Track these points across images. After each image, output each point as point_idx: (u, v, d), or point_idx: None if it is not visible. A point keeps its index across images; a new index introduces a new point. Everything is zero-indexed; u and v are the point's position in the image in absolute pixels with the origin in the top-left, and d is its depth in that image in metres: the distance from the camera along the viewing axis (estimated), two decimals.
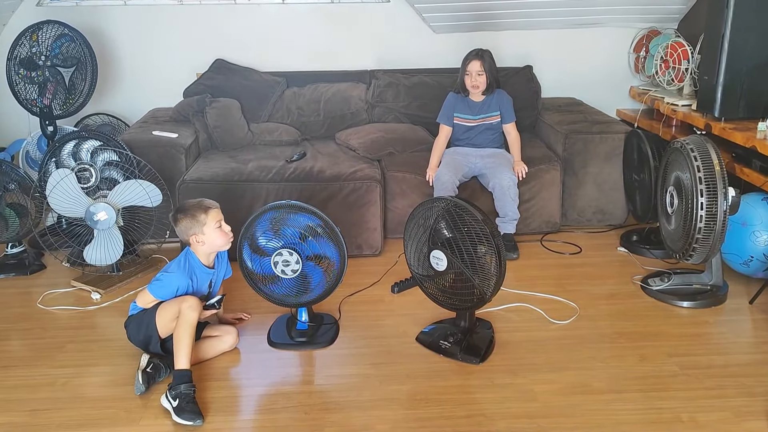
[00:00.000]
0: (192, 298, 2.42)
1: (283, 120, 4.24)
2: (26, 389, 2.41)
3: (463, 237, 2.47)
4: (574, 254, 3.54)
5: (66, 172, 3.10)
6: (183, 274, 2.52)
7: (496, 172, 3.51)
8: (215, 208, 2.57)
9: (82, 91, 3.85)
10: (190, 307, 2.38)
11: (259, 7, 4.46)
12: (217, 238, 2.55)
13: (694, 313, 2.91)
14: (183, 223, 2.52)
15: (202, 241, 2.53)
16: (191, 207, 2.54)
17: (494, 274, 2.46)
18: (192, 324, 2.37)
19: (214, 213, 2.54)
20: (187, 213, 2.52)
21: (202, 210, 2.52)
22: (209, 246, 2.56)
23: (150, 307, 2.50)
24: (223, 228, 2.57)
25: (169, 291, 2.50)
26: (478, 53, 3.64)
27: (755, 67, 3.20)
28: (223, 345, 2.62)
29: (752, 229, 2.99)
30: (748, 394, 2.31)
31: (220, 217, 2.56)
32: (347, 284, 3.00)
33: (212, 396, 2.36)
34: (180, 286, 2.50)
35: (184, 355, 2.32)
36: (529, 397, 2.32)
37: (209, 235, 2.53)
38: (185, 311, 2.37)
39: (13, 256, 3.41)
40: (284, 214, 2.56)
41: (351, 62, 4.49)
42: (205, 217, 2.51)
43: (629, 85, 4.57)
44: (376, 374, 2.48)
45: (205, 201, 2.58)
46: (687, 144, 2.80)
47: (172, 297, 2.49)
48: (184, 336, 2.34)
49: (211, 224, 2.52)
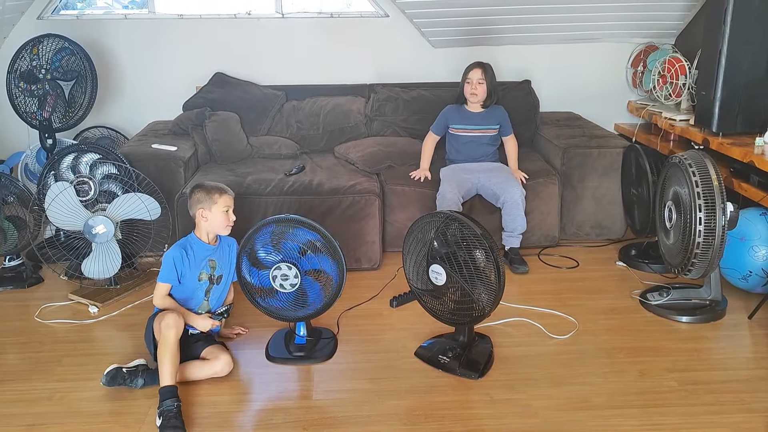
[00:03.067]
0: (170, 316, 2.42)
1: (283, 133, 4.25)
2: (23, 403, 2.39)
3: (462, 251, 2.47)
4: (571, 268, 3.54)
5: (65, 185, 3.10)
6: (176, 247, 2.63)
7: (506, 186, 3.52)
8: (229, 194, 2.69)
9: (82, 104, 3.86)
10: (167, 326, 2.40)
11: (259, 21, 4.48)
12: (220, 220, 2.65)
13: (693, 328, 2.91)
14: (197, 195, 2.65)
15: (206, 217, 2.64)
16: (210, 185, 2.69)
17: (493, 288, 2.45)
18: (170, 342, 2.37)
19: (226, 198, 2.66)
20: (206, 188, 2.67)
21: (218, 191, 2.66)
22: (211, 224, 2.66)
23: (154, 314, 2.55)
24: (228, 215, 2.67)
25: (168, 268, 2.59)
26: (480, 63, 3.69)
27: (753, 82, 3.22)
28: (212, 369, 2.53)
29: (750, 244, 2.99)
30: (748, 410, 2.31)
31: (230, 204, 2.68)
32: (346, 298, 2.99)
33: (209, 411, 2.35)
34: (175, 257, 2.59)
35: (166, 373, 2.34)
36: (528, 413, 2.31)
37: (215, 214, 2.64)
38: (163, 330, 2.40)
39: (11, 269, 3.40)
40: (285, 228, 2.57)
41: (350, 76, 4.51)
42: (218, 197, 2.64)
43: (627, 99, 4.59)
44: (374, 389, 2.47)
45: (225, 187, 2.72)
46: (685, 159, 2.80)
47: (175, 276, 2.58)
48: (165, 354, 2.36)
49: (221, 206, 2.64)
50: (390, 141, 4.12)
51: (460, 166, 3.73)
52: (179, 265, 2.59)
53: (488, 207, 3.63)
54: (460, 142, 3.77)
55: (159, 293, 2.60)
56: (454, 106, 3.79)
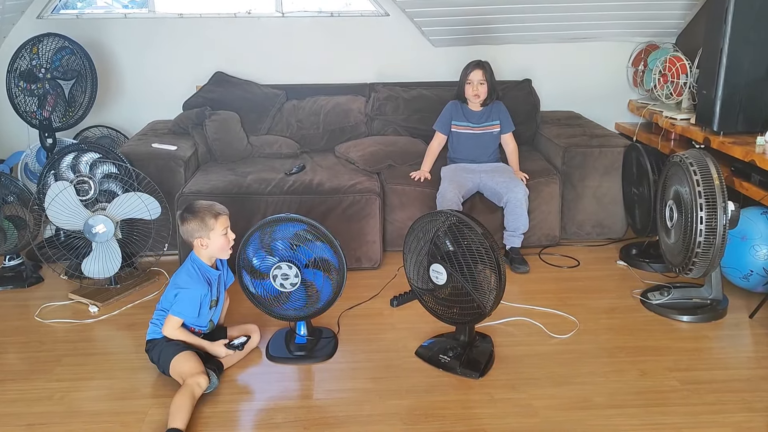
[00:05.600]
0: (204, 379, 2.33)
1: (283, 133, 4.25)
2: (23, 403, 2.39)
3: (463, 251, 2.46)
4: (572, 268, 3.54)
5: (65, 184, 3.09)
6: (199, 283, 2.50)
7: (510, 185, 3.52)
8: (224, 215, 2.55)
9: (82, 104, 3.85)
10: (198, 384, 2.31)
11: (259, 20, 4.48)
12: (220, 245, 2.54)
13: (694, 327, 2.90)
14: (191, 224, 2.50)
15: (207, 245, 2.52)
16: (201, 210, 2.50)
17: (494, 288, 2.45)
18: (196, 398, 2.29)
19: (222, 220, 2.52)
20: (197, 215, 2.49)
21: (212, 215, 2.50)
22: (212, 251, 2.55)
23: (167, 346, 2.47)
24: (228, 236, 2.55)
25: (193, 306, 2.49)
26: (479, 63, 3.69)
27: (754, 81, 3.22)
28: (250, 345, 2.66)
29: (752, 243, 2.98)
30: (749, 409, 2.30)
31: (227, 224, 2.55)
32: (346, 297, 2.99)
33: (210, 410, 2.34)
34: (202, 295, 2.49)
35: (180, 418, 2.19)
36: (529, 413, 2.31)
37: (214, 241, 2.51)
38: (194, 386, 2.30)
39: (11, 269, 3.39)
40: (269, 230, 2.55)
41: (350, 75, 4.50)
42: (214, 223, 2.50)
43: (628, 98, 4.59)
44: (375, 389, 2.47)
45: (216, 206, 2.55)
46: (686, 158, 2.80)
47: (196, 312, 2.50)
48: (185, 404, 2.24)
49: (219, 230, 2.51)
50: (390, 140, 4.12)
51: (462, 166, 3.73)
52: (203, 302, 2.51)
53: (489, 206, 3.62)
54: (461, 139, 3.77)
55: (173, 325, 2.48)
56: (456, 102, 3.79)
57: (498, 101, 3.78)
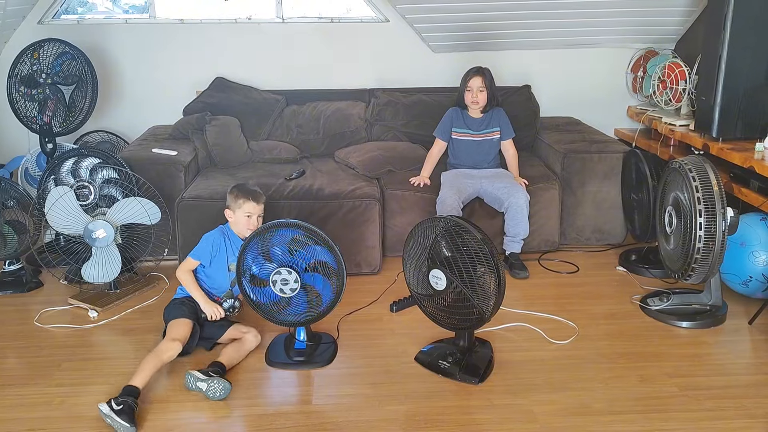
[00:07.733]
0: (176, 347, 2.53)
1: (283, 138, 4.25)
2: (23, 408, 2.39)
3: (463, 256, 2.46)
4: (571, 273, 3.54)
5: (65, 189, 3.10)
6: (217, 231, 2.84)
7: (511, 191, 3.52)
8: (254, 202, 2.82)
9: (83, 109, 3.86)
10: (168, 349, 2.52)
11: (260, 25, 4.49)
12: (241, 223, 2.82)
13: (694, 333, 2.90)
14: (230, 196, 2.86)
15: (231, 217, 2.85)
16: (243, 189, 2.86)
17: (494, 293, 2.45)
18: (163, 361, 2.49)
19: (249, 205, 2.81)
20: (235, 191, 2.85)
21: (245, 196, 2.82)
22: (234, 225, 2.85)
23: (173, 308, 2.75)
24: (250, 220, 2.80)
25: (205, 247, 2.80)
26: (479, 70, 3.69)
27: (752, 88, 3.22)
28: (245, 347, 2.72)
29: (751, 249, 2.99)
30: (749, 415, 2.30)
31: (254, 211, 2.82)
32: (346, 303, 2.99)
33: (210, 416, 2.34)
34: (214, 239, 2.81)
35: (142, 376, 2.39)
36: (528, 418, 2.31)
37: (237, 217, 2.83)
38: (165, 351, 2.51)
39: (11, 274, 3.39)
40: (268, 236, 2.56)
41: (350, 81, 4.51)
42: (243, 203, 2.81)
43: (627, 104, 4.60)
44: (374, 394, 2.47)
45: (255, 193, 2.86)
46: (685, 164, 2.80)
47: (209, 256, 2.79)
48: (150, 365, 2.44)
49: (243, 211, 2.81)
50: (390, 146, 4.12)
51: (462, 171, 3.73)
52: (215, 248, 2.79)
53: (489, 212, 3.62)
54: (461, 146, 3.78)
55: (186, 266, 2.80)
56: (457, 109, 3.79)
57: (498, 108, 3.79)
